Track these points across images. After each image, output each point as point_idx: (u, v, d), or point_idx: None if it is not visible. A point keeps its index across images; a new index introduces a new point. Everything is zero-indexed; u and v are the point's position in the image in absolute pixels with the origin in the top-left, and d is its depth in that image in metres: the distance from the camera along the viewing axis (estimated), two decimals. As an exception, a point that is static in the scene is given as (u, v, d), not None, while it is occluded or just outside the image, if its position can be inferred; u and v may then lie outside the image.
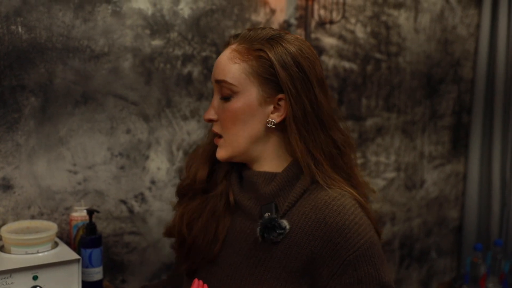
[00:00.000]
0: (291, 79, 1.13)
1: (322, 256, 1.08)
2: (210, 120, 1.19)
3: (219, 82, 1.15)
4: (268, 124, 1.15)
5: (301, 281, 1.09)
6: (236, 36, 1.19)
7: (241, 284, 1.13)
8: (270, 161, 1.18)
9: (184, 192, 1.30)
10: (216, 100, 1.18)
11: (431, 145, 2.78)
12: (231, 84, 1.14)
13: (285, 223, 1.12)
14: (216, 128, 1.19)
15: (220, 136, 1.18)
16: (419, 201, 2.77)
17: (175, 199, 1.32)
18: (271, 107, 1.15)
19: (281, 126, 1.16)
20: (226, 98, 1.15)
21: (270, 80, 1.14)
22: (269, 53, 1.13)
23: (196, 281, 1.16)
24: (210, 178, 1.28)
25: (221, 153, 1.19)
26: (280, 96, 1.14)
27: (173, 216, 1.32)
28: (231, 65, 1.15)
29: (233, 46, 1.17)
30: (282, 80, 1.13)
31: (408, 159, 2.68)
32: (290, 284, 1.09)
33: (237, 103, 1.14)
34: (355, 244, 1.07)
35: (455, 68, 2.81)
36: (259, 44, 1.15)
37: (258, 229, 1.13)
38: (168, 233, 1.32)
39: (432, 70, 2.70)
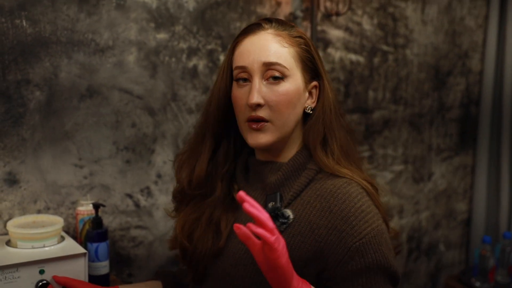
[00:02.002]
0: (323, 67, 1.20)
1: (328, 244, 1.08)
2: (258, 105, 1.13)
3: (271, 65, 1.12)
4: (307, 110, 1.18)
5: (304, 271, 1.09)
6: (268, 20, 1.18)
7: (244, 273, 1.13)
8: (283, 149, 1.20)
9: (179, 198, 1.30)
10: (259, 84, 1.13)
11: (439, 137, 2.76)
12: (284, 67, 1.13)
13: (288, 212, 1.13)
14: (263, 113, 1.13)
15: (262, 121, 1.13)
16: (427, 194, 2.76)
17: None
18: (307, 94, 1.18)
19: (304, 115, 1.20)
20: (275, 80, 1.13)
21: (309, 67, 1.17)
22: (308, 41, 1.18)
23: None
24: (207, 181, 1.25)
25: (266, 138, 1.14)
26: (315, 83, 1.19)
27: (174, 225, 1.31)
28: (281, 48, 1.14)
29: (272, 31, 1.16)
30: (319, 68, 1.19)
31: (416, 151, 2.66)
32: None
33: (290, 86, 1.14)
34: (362, 231, 1.07)
35: (463, 60, 2.79)
36: (296, 32, 1.17)
37: None
38: (173, 246, 1.31)
39: (440, 62, 2.68)
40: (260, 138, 1.14)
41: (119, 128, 1.75)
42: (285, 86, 1.13)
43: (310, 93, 1.20)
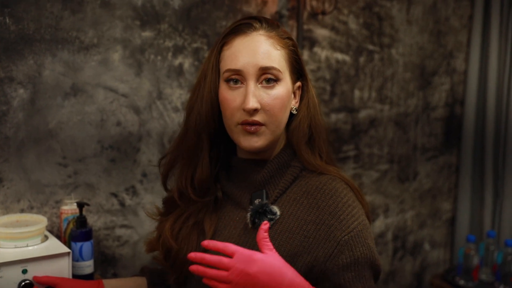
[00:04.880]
0: (305, 66, 1.22)
1: (317, 239, 1.09)
2: (255, 110, 1.11)
3: (267, 69, 1.11)
4: (293, 111, 1.19)
5: (293, 267, 1.09)
6: (258, 20, 1.16)
7: None
8: (271, 146, 1.19)
9: (171, 205, 1.27)
10: (255, 87, 1.12)
11: (424, 137, 2.78)
12: (279, 70, 1.13)
13: (276, 208, 1.13)
14: (259, 117, 1.12)
15: (257, 125, 1.12)
16: (412, 193, 2.77)
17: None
18: (292, 95, 1.19)
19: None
20: (270, 83, 1.12)
21: (295, 68, 1.18)
22: (294, 42, 1.19)
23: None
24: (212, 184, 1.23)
25: (261, 142, 1.13)
26: (298, 83, 1.20)
27: (155, 228, 1.30)
28: (274, 51, 1.13)
29: (263, 32, 1.15)
30: (303, 68, 1.20)
31: (401, 151, 2.68)
32: None
33: (283, 90, 1.14)
34: (350, 225, 1.09)
35: (448, 60, 2.80)
36: (284, 33, 1.17)
37: (248, 214, 1.14)
38: (151, 248, 1.30)
39: (425, 61, 2.69)
40: (255, 142, 1.13)
41: (104, 127, 1.74)
42: (279, 90, 1.13)
43: (294, 94, 1.20)
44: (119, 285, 1.33)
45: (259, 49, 1.12)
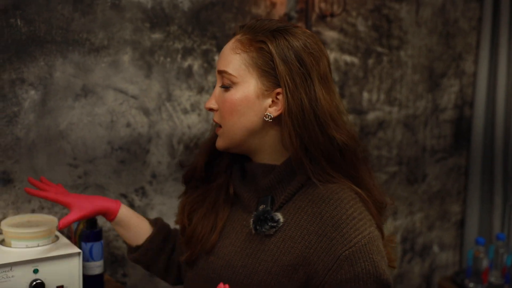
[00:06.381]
0: (290, 73, 1.11)
1: (317, 251, 1.07)
2: (211, 109, 1.19)
3: (222, 72, 1.16)
4: (265, 117, 1.14)
5: (294, 276, 1.08)
6: (242, 26, 1.19)
7: (233, 275, 1.13)
8: (269, 154, 1.18)
9: (187, 180, 1.33)
10: (217, 89, 1.18)
11: (433, 139, 2.77)
12: (230, 74, 1.14)
13: (278, 216, 1.12)
14: (216, 118, 1.19)
15: (220, 126, 1.19)
16: (421, 195, 2.76)
17: (176, 193, 1.34)
18: (269, 101, 1.14)
19: (279, 121, 1.14)
20: (225, 88, 1.16)
21: (269, 73, 1.13)
22: (270, 46, 1.12)
23: (221, 285, 1.04)
24: (212, 168, 1.29)
25: (219, 143, 1.20)
26: (278, 90, 1.13)
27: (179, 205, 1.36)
28: (232, 56, 1.15)
29: (238, 36, 1.17)
30: (280, 74, 1.11)
31: (410, 153, 2.67)
32: (281, 278, 1.09)
33: (235, 94, 1.14)
34: (352, 239, 1.05)
35: (457, 62, 2.80)
36: (262, 36, 1.13)
37: (251, 221, 1.13)
38: (176, 221, 1.36)
39: (434, 63, 2.69)
40: (217, 142, 1.20)
41: (113, 128, 1.75)
42: (231, 94, 1.14)
43: (276, 100, 1.13)
44: (132, 216, 1.38)
45: (222, 54, 1.18)
